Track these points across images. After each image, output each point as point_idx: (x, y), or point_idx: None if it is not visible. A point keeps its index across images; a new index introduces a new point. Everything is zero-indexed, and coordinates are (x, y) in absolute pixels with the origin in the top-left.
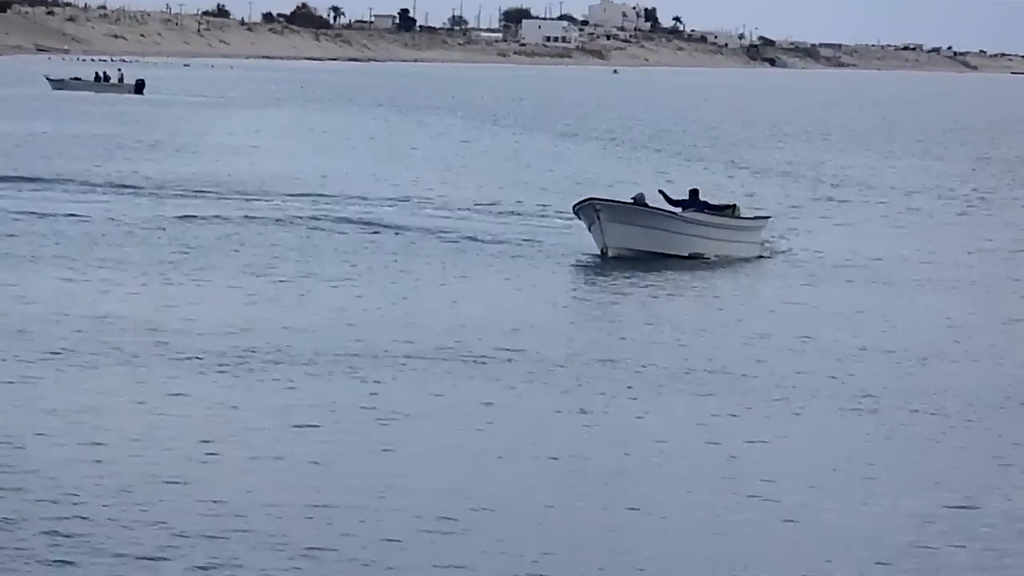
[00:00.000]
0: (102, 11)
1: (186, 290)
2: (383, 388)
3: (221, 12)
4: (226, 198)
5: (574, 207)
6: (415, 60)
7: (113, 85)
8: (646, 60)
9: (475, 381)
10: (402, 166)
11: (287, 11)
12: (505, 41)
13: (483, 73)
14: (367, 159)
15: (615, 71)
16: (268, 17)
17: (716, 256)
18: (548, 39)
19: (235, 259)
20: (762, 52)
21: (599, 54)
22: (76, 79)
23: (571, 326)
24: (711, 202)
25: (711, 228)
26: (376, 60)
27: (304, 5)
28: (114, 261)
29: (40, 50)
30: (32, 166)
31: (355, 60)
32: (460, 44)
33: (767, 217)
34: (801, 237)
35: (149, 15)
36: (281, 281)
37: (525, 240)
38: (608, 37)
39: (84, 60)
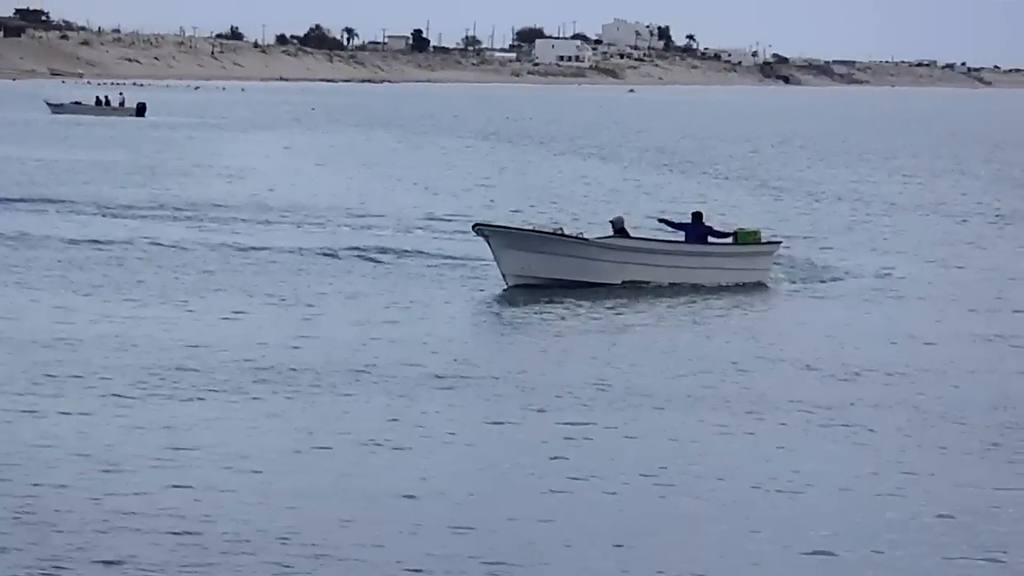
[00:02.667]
0: (116, 35)
1: (177, 312)
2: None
3: (235, 35)
4: (217, 221)
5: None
6: (428, 80)
7: (114, 109)
8: (660, 79)
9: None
10: (397, 188)
11: (301, 33)
12: (518, 61)
13: (501, 93)
14: (364, 180)
15: (631, 90)
16: (282, 39)
17: (686, 283)
18: (561, 58)
19: (227, 282)
20: (776, 69)
21: (613, 73)
22: (76, 103)
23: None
24: (716, 227)
25: (659, 255)
26: (390, 81)
27: (318, 27)
28: (102, 285)
29: (54, 74)
30: (20, 189)
31: (369, 81)
32: (474, 64)
33: (775, 242)
34: (846, 259)
35: (163, 38)
36: (287, 305)
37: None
38: (622, 56)
39: (101, 84)
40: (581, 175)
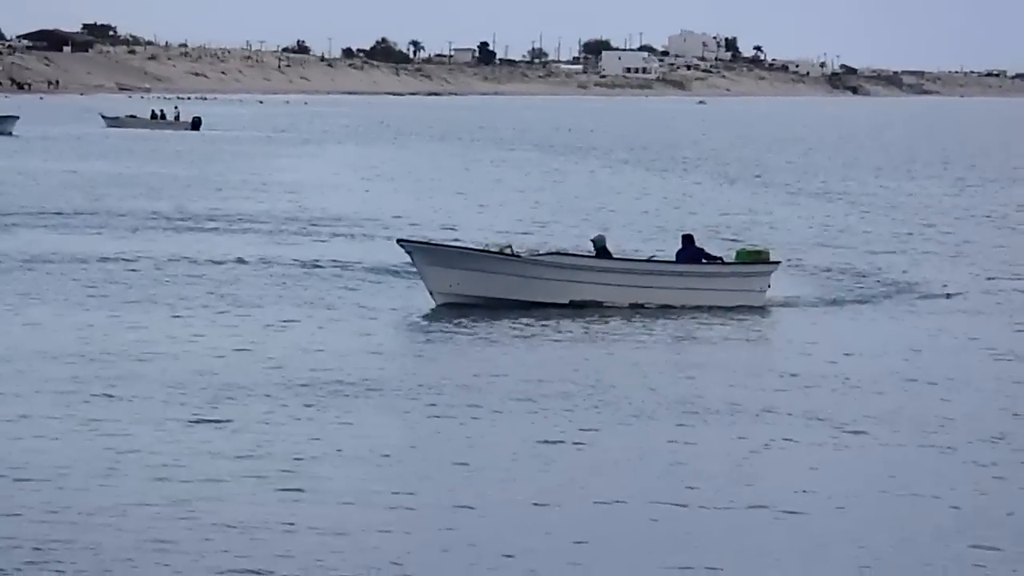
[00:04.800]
0: (183, 49)
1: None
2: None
3: (301, 48)
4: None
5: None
6: (495, 93)
7: (169, 123)
8: (727, 90)
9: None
10: (442, 198)
11: (367, 46)
12: (585, 73)
13: (566, 105)
14: (413, 192)
15: (701, 101)
16: (348, 52)
17: (652, 303)
18: (628, 70)
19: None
20: (844, 80)
21: (680, 84)
22: (131, 116)
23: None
24: (708, 250)
25: (615, 274)
26: (456, 94)
27: (384, 40)
28: (139, 300)
29: (122, 89)
30: (79, 204)
31: (435, 94)
32: (540, 76)
33: (767, 263)
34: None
35: (230, 52)
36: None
37: None
38: (689, 67)
39: (167, 98)
40: (633, 186)
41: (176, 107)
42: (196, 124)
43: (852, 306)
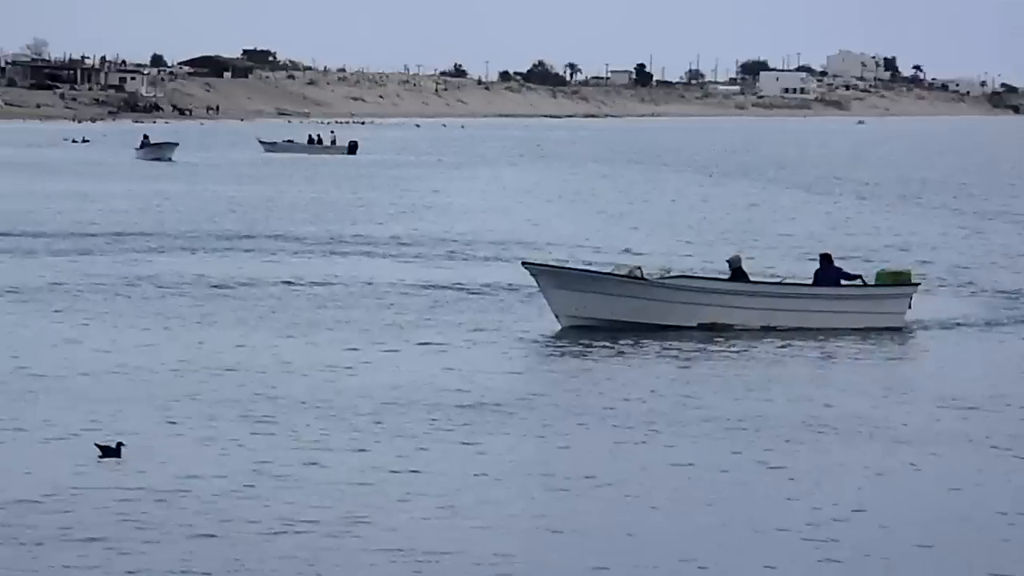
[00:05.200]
0: (341, 74)
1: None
2: None
3: (458, 72)
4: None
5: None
6: (652, 115)
7: (325, 147)
8: (887, 110)
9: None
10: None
11: (524, 69)
12: (743, 94)
13: (723, 126)
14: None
15: (861, 121)
16: (505, 75)
17: (779, 326)
18: (786, 90)
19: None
20: (1005, 99)
21: (839, 104)
22: (289, 141)
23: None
24: (846, 270)
25: (745, 297)
26: (612, 115)
27: (540, 63)
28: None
29: (281, 114)
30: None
31: (592, 116)
32: (697, 98)
33: (907, 284)
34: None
35: (388, 77)
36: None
37: None
38: (847, 87)
39: (325, 123)
40: (787, 207)
41: (332, 132)
42: (352, 148)
43: (1012, 327)
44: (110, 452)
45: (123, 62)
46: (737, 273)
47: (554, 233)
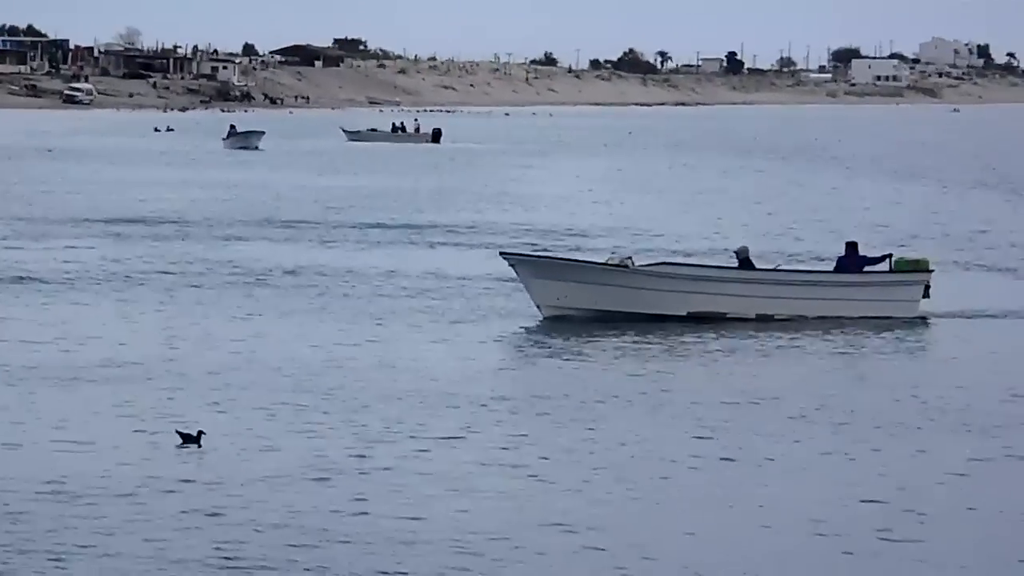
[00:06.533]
0: (432, 63)
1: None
2: None
3: (549, 60)
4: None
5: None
6: (743, 103)
7: (409, 135)
8: (980, 97)
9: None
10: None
11: (614, 57)
12: (834, 81)
13: (815, 114)
14: (647, 203)
15: (955, 109)
16: (595, 64)
17: (775, 315)
18: (878, 78)
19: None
20: None
21: (932, 92)
22: (372, 130)
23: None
24: (870, 255)
25: (736, 284)
26: (703, 103)
27: (631, 51)
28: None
29: (372, 103)
30: (315, 215)
31: (682, 104)
32: (788, 86)
33: (918, 272)
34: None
35: (478, 65)
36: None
37: None
38: (940, 75)
39: (411, 111)
40: (879, 196)
41: (416, 119)
42: (436, 136)
43: None
44: (190, 440)
45: (215, 51)
46: (744, 264)
47: (631, 220)
